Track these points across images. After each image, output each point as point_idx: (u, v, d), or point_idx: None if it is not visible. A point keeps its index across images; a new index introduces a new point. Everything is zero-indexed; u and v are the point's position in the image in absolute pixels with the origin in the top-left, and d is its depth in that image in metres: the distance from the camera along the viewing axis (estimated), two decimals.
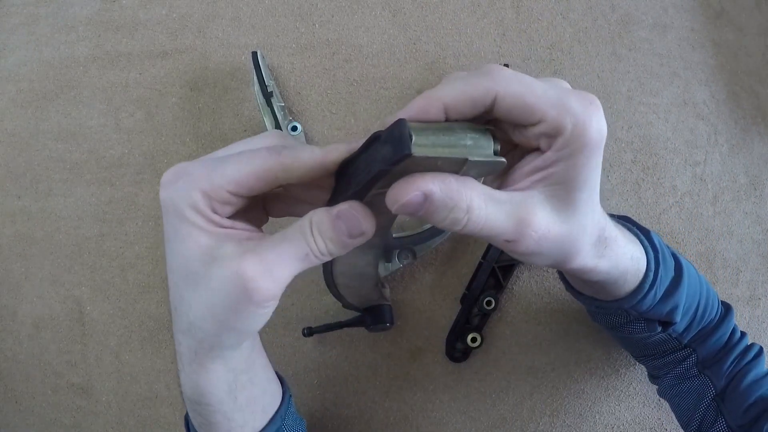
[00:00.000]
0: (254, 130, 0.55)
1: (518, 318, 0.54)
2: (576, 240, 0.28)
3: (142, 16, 0.57)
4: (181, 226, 0.27)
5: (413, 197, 0.24)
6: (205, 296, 0.26)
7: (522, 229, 0.26)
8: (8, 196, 0.56)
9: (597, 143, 0.26)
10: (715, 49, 0.57)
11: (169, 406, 0.54)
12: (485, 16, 0.57)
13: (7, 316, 0.55)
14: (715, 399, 0.42)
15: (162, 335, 0.54)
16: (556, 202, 0.27)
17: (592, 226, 0.29)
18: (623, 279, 0.34)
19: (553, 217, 0.27)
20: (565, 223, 0.27)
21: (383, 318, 0.48)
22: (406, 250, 0.50)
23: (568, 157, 0.26)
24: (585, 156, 0.26)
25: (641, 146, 0.55)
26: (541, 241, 0.26)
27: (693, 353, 0.43)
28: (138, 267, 0.54)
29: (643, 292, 0.35)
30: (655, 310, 0.38)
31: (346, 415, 0.53)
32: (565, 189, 0.27)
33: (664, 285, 0.37)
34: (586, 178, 0.27)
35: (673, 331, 0.41)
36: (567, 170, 0.26)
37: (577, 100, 0.25)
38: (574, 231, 0.28)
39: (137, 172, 0.55)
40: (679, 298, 0.38)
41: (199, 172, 0.26)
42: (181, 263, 0.28)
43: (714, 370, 0.42)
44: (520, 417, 0.53)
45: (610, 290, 0.36)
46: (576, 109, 0.25)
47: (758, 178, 0.56)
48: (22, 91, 0.57)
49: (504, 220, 0.26)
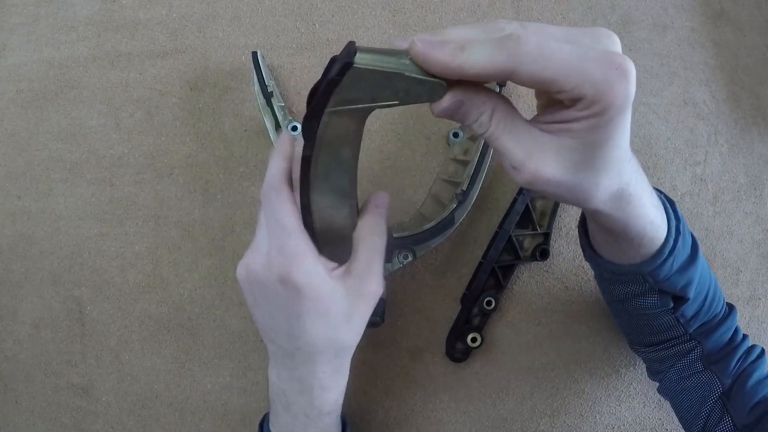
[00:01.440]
0: (254, 130, 0.55)
1: (518, 318, 0.54)
2: (586, 191, 0.29)
3: (142, 16, 0.57)
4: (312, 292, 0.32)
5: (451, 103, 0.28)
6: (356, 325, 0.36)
7: (528, 164, 0.28)
8: (8, 196, 0.56)
9: (618, 109, 0.26)
10: (715, 49, 0.57)
11: (169, 406, 0.54)
12: (485, 16, 0.57)
13: (7, 316, 0.55)
14: (722, 397, 0.42)
15: (162, 335, 0.54)
16: (571, 155, 0.28)
17: (609, 181, 0.29)
18: (639, 240, 0.35)
19: (564, 167, 0.28)
20: (575, 175, 0.28)
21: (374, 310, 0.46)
22: (406, 250, 0.50)
23: (588, 118, 0.26)
24: (606, 119, 0.26)
25: (641, 146, 0.55)
26: (545, 183, 0.28)
27: (698, 346, 0.43)
28: (138, 267, 0.54)
29: (662, 257, 0.36)
30: (671, 282, 0.38)
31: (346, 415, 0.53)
32: (583, 145, 0.27)
33: (681, 258, 0.37)
34: (606, 138, 0.27)
35: (681, 315, 0.41)
36: (588, 130, 0.27)
37: (599, 67, 0.25)
38: (584, 183, 0.29)
39: (137, 172, 0.55)
40: (693, 274, 0.38)
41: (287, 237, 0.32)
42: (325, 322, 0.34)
43: (720, 367, 0.42)
44: (520, 417, 0.53)
45: (627, 250, 0.36)
46: (596, 77, 0.25)
47: (758, 178, 0.56)
48: (22, 91, 0.57)
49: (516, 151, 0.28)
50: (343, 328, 0.34)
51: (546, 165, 0.28)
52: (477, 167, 0.49)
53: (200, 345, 0.54)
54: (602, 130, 0.27)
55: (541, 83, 0.26)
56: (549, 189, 0.29)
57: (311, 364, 0.35)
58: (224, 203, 0.54)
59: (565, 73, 0.25)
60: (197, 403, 0.54)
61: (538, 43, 0.25)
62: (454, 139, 0.53)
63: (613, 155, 0.28)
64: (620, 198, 0.31)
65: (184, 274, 0.54)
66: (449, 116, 0.28)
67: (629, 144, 0.29)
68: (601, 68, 0.25)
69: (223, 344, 0.54)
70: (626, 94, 0.26)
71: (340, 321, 0.34)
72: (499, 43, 0.25)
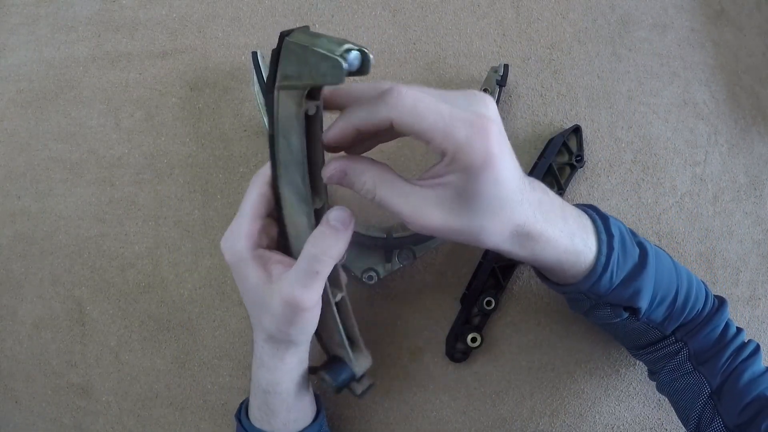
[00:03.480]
0: (254, 130, 0.55)
1: (518, 318, 0.54)
2: (475, 234, 0.32)
3: (142, 16, 0.57)
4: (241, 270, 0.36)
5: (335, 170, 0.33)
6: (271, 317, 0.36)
7: (419, 220, 0.31)
8: (8, 196, 0.56)
9: (482, 164, 0.29)
10: (715, 49, 0.57)
11: (169, 406, 0.54)
12: (485, 16, 0.57)
13: (7, 316, 0.55)
14: (712, 397, 0.42)
15: (162, 335, 0.54)
16: (451, 205, 0.31)
17: (497, 225, 0.32)
18: (559, 267, 0.36)
19: (446, 215, 0.31)
20: (458, 221, 0.31)
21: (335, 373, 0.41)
22: (406, 250, 0.50)
23: (456, 172, 0.30)
24: (473, 175, 0.30)
25: (641, 146, 0.55)
26: (438, 231, 0.32)
27: (684, 347, 0.43)
28: (138, 267, 0.54)
29: (595, 276, 0.37)
30: (615, 295, 0.38)
31: (346, 415, 0.53)
32: (458, 197, 0.31)
33: (624, 270, 0.38)
34: (478, 190, 0.30)
35: (649, 320, 0.41)
36: (459, 183, 0.30)
37: (462, 127, 0.29)
38: (471, 228, 0.31)
39: (137, 172, 0.55)
40: (641, 283, 0.38)
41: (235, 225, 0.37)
42: (251, 296, 0.37)
43: (708, 367, 0.42)
44: (520, 417, 0.53)
45: (557, 275, 0.38)
46: (457, 136, 0.29)
47: (758, 178, 0.56)
48: (22, 91, 0.57)
49: (404, 208, 0.32)
50: (261, 313, 0.37)
51: (430, 215, 0.31)
52: None
53: (200, 345, 0.54)
54: (470, 183, 0.30)
55: (415, 134, 0.30)
56: (440, 234, 0.32)
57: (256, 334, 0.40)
58: (224, 203, 0.54)
59: (434, 129, 0.29)
60: (197, 403, 0.54)
61: (414, 98, 0.29)
62: None
63: (492, 203, 0.31)
64: (518, 236, 0.33)
65: (184, 274, 0.54)
66: (337, 183, 0.33)
67: (519, 185, 0.32)
68: (463, 128, 0.29)
69: (223, 344, 0.54)
70: (485, 153, 0.29)
71: (257, 304, 0.37)
72: (381, 97, 0.30)
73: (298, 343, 0.39)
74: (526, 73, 0.56)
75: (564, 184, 0.53)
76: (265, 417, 0.41)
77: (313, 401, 0.45)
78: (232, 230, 0.37)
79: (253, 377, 0.42)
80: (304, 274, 0.34)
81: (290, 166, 0.34)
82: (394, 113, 0.30)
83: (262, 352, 0.39)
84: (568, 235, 0.35)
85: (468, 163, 0.29)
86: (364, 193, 0.33)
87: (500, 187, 0.30)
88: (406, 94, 0.30)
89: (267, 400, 0.40)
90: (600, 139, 0.55)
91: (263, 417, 0.41)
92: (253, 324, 0.40)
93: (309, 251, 0.34)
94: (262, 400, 0.41)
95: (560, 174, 0.53)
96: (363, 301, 0.53)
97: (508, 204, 0.31)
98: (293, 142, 0.33)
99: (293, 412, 0.41)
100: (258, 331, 0.39)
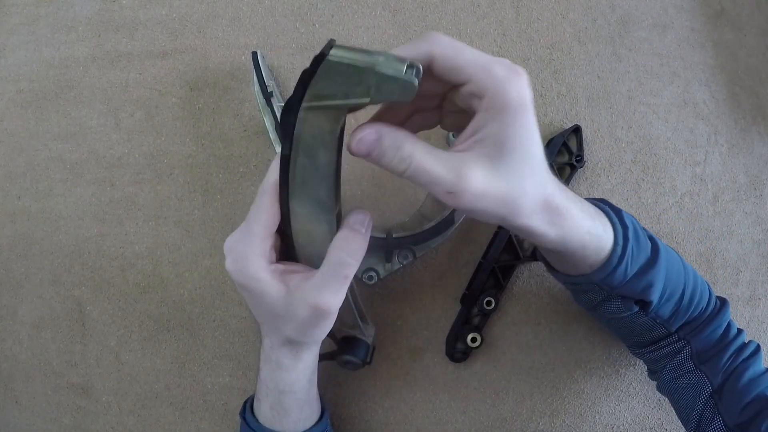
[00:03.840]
0: (254, 130, 0.55)
1: (518, 318, 0.54)
2: (516, 199, 0.31)
3: (142, 16, 0.57)
4: (257, 289, 0.34)
5: (368, 134, 0.30)
6: (295, 324, 0.35)
7: (461, 183, 0.29)
8: (8, 196, 0.56)
9: (519, 104, 0.29)
10: (715, 49, 0.57)
11: (169, 406, 0.54)
12: (485, 16, 0.57)
13: (7, 316, 0.55)
14: (713, 396, 0.42)
15: (162, 335, 0.54)
16: (491, 162, 0.30)
17: (533, 188, 0.31)
18: (582, 252, 0.36)
19: (490, 175, 0.30)
20: (502, 181, 0.30)
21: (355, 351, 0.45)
22: (406, 250, 0.50)
23: (494, 117, 0.29)
24: (510, 116, 0.29)
25: (641, 146, 0.55)
26: (480, 197, 0.30)
27: (687, 345, 0.43)
28: (138, 267, 0.54)
29: (612, 266, 0.37)
30: (629, 287, 0.38)
31: (346, 415, 0.53)
32: (497, 149, 0.30)
33: (638, 263, 0.38)
34: (515, 138, 0.29)
35: (656, 316, 0.41)
36: (497, 131, 0.29)
37: (501, 68, 0.29)
38: (513, 191, 0.30)
39: (137, 172, 0.55)
40: (653, 276, 0.38)
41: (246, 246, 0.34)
42: (269, 309, 0.35)
43: (710, 366, 0.42)
44: (520, 417, 0.53)
45: (574, 263, 0.38)
46: (498, 74, 0.29)
47: (758, 178, 0.56)
48: (22, 91, 0.57)
49: (445, 173, 0.29)
50: (282, 323, 0.36)
51: (475, 179, 0.29)
52: None
53: (200, 345, 0.54)
54: (509, 128, 0.29)
55: (454, 68, 0.30)
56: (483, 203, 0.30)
57: (270, 340, 0.39)
58: (224, 203, 0.54)
59: (473, 64, 0.29)
60: (197, 403, 0.54)
61: (452, 40, 0.30)
62: (454, 139, 0.53)
63: (529, 161, 0.30)
64: (548, 210, 0.32)
65: (184, 274, 0.54)
66: (365, 154, 0.31)
67: (546, 162, 0.32)
68: (501, 68, 0.29)
69: (223, 344, 0.54)
70: (522, 92, 0.29)
71: (279, 316, 0.36)
72: (421, 36, 0.30)
73: (318, 342, 0.40)
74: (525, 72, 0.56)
75: (564, 184, 0.53)
76: (278, 417, 0.41)
77: (319, 398, 0.45)
78: (242, 253, 0.35)
79: (264, 380, 0.41)
80: (332, 280, 0.34)
81: (311, 182, 0.32)
82: (436, 47, 0.30)
83: (280, 354, 0.39)
84: (591, 216, 0.35)
85: (506, 103, 0.29)
86: (397, 162, 0.30)
87: (533, 139, 0.30)
88: (444, 36, 0.30)
89: (282, 400, 0.41)
90: (600, 139, 0.55)
91: (275, 417, 0.41)
92: (265, 331, 0.39)
93: (335, 257, 0.34)
94: (275, 400, 0.41)
95: (560, 174, 0.53)
96: (363, 301, 0.53)
97: (542, 168, 0.31)
98: (321, 158, 0.32)
99: (305, 410, 0.42)
100: (273, 338, 0.39)
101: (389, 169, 0.31)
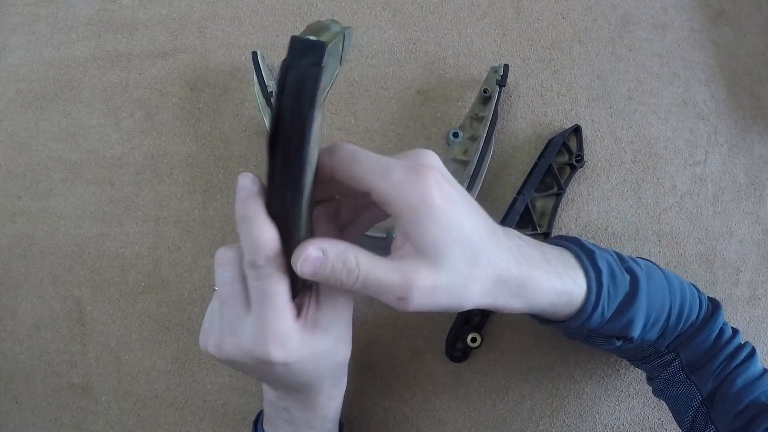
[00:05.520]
0: (254, 130, 0.55)
1: (518, 318, 0.54)
2: (465, 288, 0.30)
3: (142, 16, 0.57)
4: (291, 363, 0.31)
5: (311, 251, 0.28)
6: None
7: (409, 283, 0.28)
8: (8, 196, 0.56)
9: (424, 207, 0.28)
10: (715, 49, 0.57)
11: (169, 406, 0.54)
12: (485, 16, 0.57)
13: (7, 316, 0.55)
14: (704, 404, 0.41)
15: (162, 335, 0.54)
16: (431, 262, 0.29)
17: (480, 272, 0.30)
18: (552, 310, 0.35)
19: (433, 272, 0.29)
20: (446, 275, 0.29)
21: None
22: None
23: (408, 223, 0.28)
24: (422, 218, 0.28)
25: (641, 146, 0.55)
26: (431, 292, 0.29)
27: (677, 357, 0.42)
28: (138, 267, 0.54)
29: (586, 314, 0.36)
30: (608, 327, 0.38)
31: (346, 415, 0.53)
32: (428, 251, 0.29)
33: (615, 302, 0.37)
34: (435, 238, 0.28)
35: (644, 340, 0.41)
36: (418, 236, 0.29)
37: (399, 172, 0.28)
38: (459, 280, 0.29)
39: (137, 172, 0.55)
40: (633, 313, 0.38)
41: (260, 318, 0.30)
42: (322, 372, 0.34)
43: (700, 375, 0.41)
44: (520, 417, 0.53)
45: (547, 317, 0.37)
46: (396, 179, 0.28)
47: (758, 178, 0.56)
48: (22, 91, 0.57)
49: (393, 277, 0.28)
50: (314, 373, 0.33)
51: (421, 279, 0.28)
52: (477, 167, 0.49)
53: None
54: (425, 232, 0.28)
55: (354, 181, 0.29)
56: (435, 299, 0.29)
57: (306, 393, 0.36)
58: (224, 203, 0.54)
59: (370, 172, 0.28)
60: (197, 403, 0.54)
61: (353, 148, 0.29)
62: (454, 139, 0.53)
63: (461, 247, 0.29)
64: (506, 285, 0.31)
65: (184, 274, 0.54)
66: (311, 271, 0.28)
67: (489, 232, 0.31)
68: (399, 172, 0.28)
69: None
70: (424, 193, 0.28)
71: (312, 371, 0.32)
72: (326, 147, 0.30)
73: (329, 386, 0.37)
74: (526, 73, 0.56)
75: (564, 184, 0.53)
76: None
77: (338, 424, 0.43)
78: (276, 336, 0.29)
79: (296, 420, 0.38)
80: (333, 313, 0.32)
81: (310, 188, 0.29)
82: (334, 157, 0.29)
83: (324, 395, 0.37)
84: (556, 276, 0.34)
85: (411, 208, 0.28)
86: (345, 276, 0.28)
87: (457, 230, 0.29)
88: (347, 145, 0.30)
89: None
90: (600, 139, 0.55)
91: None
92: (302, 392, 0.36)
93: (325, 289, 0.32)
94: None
95: (560, 174, 0.53)
96: (363, 301, 0.53)
97: (481, 248, 0.30)
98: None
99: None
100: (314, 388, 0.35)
101: (338, 284, 0.29)
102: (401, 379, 0.53)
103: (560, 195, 0.53)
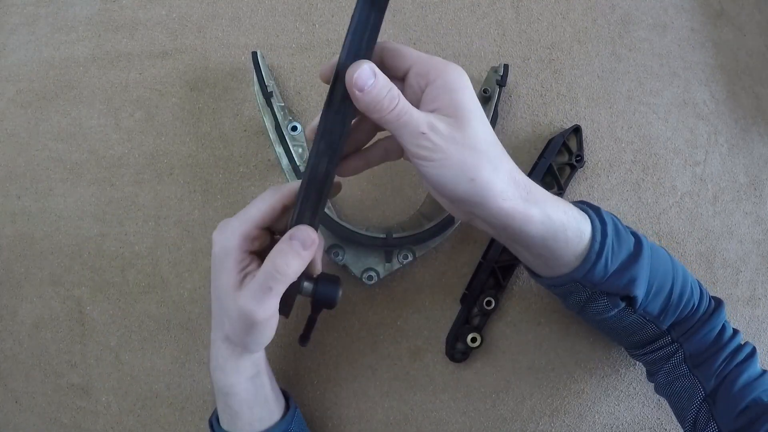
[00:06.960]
0: (254, 130, 0.55)
1: (518, 318, 0.54)
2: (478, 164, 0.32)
3: (142, 16, 0.57)
4: (220, 267, 0.37)
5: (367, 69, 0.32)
6: (230, 323, 0.37)
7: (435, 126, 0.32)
8: (8, 196, 0.56)
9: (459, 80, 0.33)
10: (715, 49, 0.57)
11: (169, 406, 0.54)
12: (485, 16, 0.57)
13: (7, 316, 0.55)
14: (706, 401, 0.41)
15: (162, 335, 0.54)
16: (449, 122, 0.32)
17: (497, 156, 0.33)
18: (564, 235, 0.36)
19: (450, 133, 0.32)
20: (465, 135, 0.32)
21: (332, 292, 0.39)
22: (405, 250, 0.50)
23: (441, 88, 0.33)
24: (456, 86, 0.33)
25: (641, 146, 0.55)
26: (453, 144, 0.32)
27: (680, 348, 0.42)
28: (138, 267, 0.54)
29: (591, 261, 0.37)
30: (611, 282, 0.38)
31: (346, 415, 0.53)
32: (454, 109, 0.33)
33: (619, 257, 0.38)
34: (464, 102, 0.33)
35: (645, 312, 0.41)
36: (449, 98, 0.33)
37: (439, 60, 0.34)
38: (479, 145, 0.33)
39: (137, 172, 0.55)
40: (636, 271, 0.38)
41: (235, 222, 0.37)
42: (219, 294, 0.37)
43: (703, 370, 0.42)
44: (520, 417, 0.53)
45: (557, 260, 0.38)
46: (437, 61, 0.34)
47: (758, 178, 0.56)
48: (22, 91, 0.57)
49: (421, 117, 0.32)
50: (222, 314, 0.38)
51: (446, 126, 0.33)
52: None
53: (200, 345, 0.54)
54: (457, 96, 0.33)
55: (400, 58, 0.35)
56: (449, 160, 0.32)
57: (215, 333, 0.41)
58: (224, 203, 0.54)
59: (416, 53, 0.35)
60: (197, 403, 0.54)
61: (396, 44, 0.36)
62: None
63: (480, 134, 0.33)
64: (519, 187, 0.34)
65: (184, 274, 0.54)
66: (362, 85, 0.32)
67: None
68: (441, 61, 0.34)
69: None
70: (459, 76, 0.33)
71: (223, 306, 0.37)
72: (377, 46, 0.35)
73: (252, 351, 0.39)
74: (526, 73, 0.56)
75: (564, 184, 0.53)
76: (230, 419, 0.41)
77: (279, 398, 0.44)
78: (230, 225, 0.37)
79: (212, 380, 0.42)
80: (258, 289, 0.34)
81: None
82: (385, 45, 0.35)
83: (218, 353, 0.40)
84: (562, 201, 0.37)
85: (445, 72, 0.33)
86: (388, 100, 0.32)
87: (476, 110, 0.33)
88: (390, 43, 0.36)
89: (228, 402, 0.41)
90: (600, 139, 0.55)
91: (228, 419, 0.41)
92: (213, 323, 0.40)
93: (266, 266, 0.34)
94: (223, 402, 0.41)
95: (560, 174, 0.53)
96: (363, 301, 0.53)
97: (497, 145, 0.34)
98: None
99: (256, 410, 0.41)
100: (217, 330, 0.40)
101: (376, 107, 0.32)
102: (401, 379, 0.53)
103: (560, 195, 0.53)
